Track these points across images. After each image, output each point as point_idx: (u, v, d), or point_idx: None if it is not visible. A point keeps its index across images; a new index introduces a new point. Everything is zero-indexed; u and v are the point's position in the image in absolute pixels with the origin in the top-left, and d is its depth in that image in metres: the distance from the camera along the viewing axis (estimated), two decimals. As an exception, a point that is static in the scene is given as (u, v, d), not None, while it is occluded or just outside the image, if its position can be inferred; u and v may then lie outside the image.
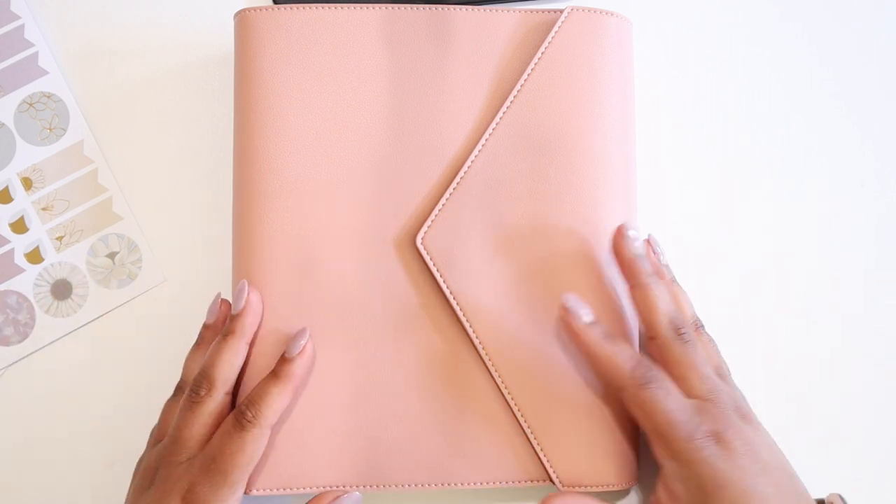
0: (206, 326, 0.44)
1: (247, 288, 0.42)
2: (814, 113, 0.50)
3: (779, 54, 0.50)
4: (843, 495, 0.41)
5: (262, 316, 0.42)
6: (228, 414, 0.41)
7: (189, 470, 0.39)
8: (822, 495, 0.41)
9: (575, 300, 0.41)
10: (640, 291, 0.42)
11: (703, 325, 0.44)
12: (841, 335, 0.49)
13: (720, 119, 0.50)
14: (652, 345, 0.41)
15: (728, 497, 0.37)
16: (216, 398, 0.40)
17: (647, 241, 0.45)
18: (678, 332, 0.41)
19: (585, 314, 0.41)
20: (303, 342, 0.41)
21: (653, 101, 0.49)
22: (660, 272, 0.44)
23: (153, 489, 0.39)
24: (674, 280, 0.45)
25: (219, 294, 0.44)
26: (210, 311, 0.44)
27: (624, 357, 0.40)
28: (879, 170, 0.50)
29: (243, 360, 0.41)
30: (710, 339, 0.44)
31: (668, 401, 0.39)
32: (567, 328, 0.41)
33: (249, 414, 0.40)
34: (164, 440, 0.41)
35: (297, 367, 0.41)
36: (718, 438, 0.38)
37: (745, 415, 0.40)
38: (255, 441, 0.39)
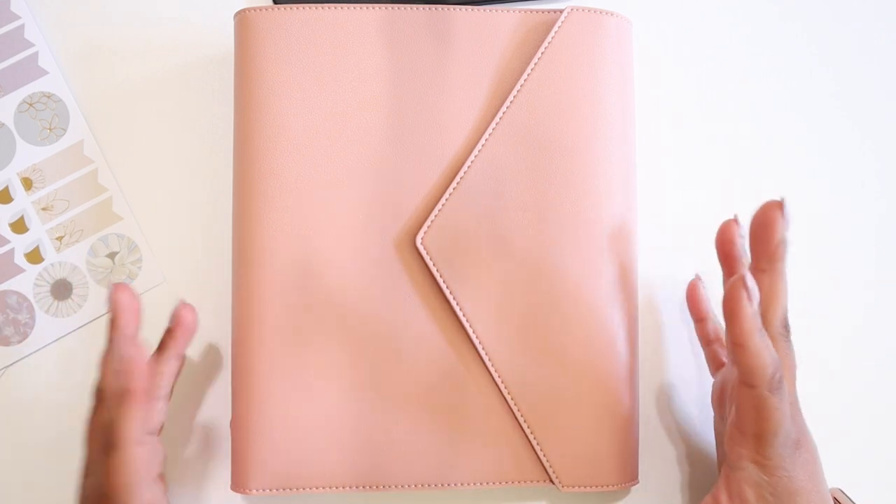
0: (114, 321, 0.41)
1: (179, 305, 0.42)
2: (814, 113, 0.50)
3: (779, 54, 0.50)
4: (844, 490, 0.41)
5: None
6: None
7: (93, 493, 0.39)
8: None
9: (752, 281, 0.37)
10: (771, 277, 0.39)
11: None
12: (841, 335, 0.49)
13: (720, 119, 0.50)
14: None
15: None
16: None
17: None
18: (787, 328, 0.40)
19: (756, 299, 0.37)
20: (127, 355, 0.39)
21: (653, 101, 0.49)
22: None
23: None
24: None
25: (115, 285, 0.41)
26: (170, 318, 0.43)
27: (771, 357, 0.37)
28: (879, 170, 0.50)
29: (145, 412, 0.39)
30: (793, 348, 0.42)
31: (785, 410, 0.37)
32: (733, 306, 0.36)
33: (105, 439, 0.39)
34: None
35: (127, 381, 0.38)
36: (797, 446, 0.38)
37: (805, 422, 0.40)
38: (123, 464, 0.38)
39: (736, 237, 0.40)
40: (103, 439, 0.39)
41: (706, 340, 0.45)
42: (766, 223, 0.39)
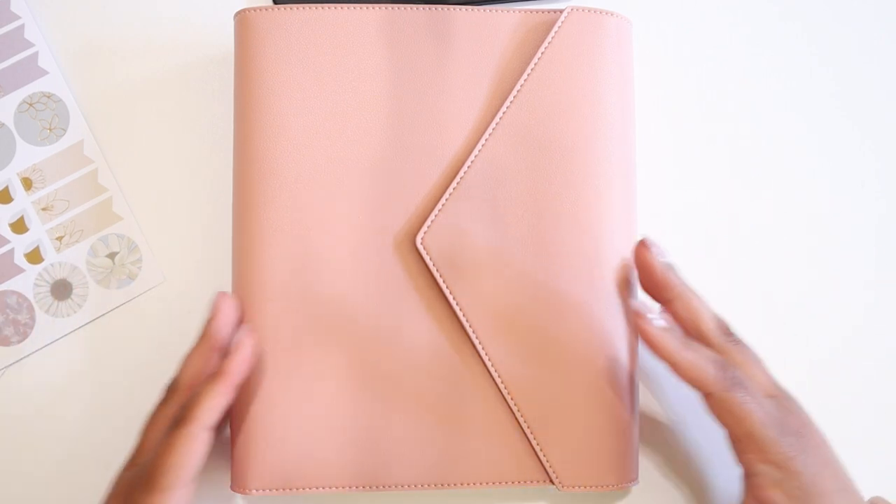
0: (208, 323, 0.43)
1: (218, 295, 0.42)
2: (814, 113, 0.50)
3: (779, 54, 0.50)
4: (886, 497, 0.41)
5: (241, 319, 0.42)
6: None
7: (136, 474, 0.39)
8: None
9: (643, 305, 0.40)
10: (682, 302, 0.41)
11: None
12: (841, 335, 0.49)
13: (720, 119, 0.50)
14: None
15: (824, 492, 0.37)
16: (179, 402, 0.40)
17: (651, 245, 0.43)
18: (727, 333, 0.41)
19: (657, 319, 0.39)
20: (240, 338, 0.40)
21: (653, 101, 0.49)
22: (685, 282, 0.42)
23: (106, 493, 0.40)
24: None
25: (220, 293, 0.43)
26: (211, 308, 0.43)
27: (706, 362, 0.38)
28: (879, 170, 0.50)
29: (227, 401, 0.40)
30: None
31: (755, 402, 0.38)
32: (641, 333, 0.39)
33: (182, 414, 0.39)
34: None
35: (233, 364, 0.40)
36: (799, 435, 0.38)
37: (804, 410, 0.40)
38: (188, 441, 0.38)
39: (652, 262, 0.41)
40: (172, 420, 0.39)
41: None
42: (642, 264, 0.41)
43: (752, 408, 0.38)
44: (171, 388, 0.41)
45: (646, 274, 0.42)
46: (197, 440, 0.38)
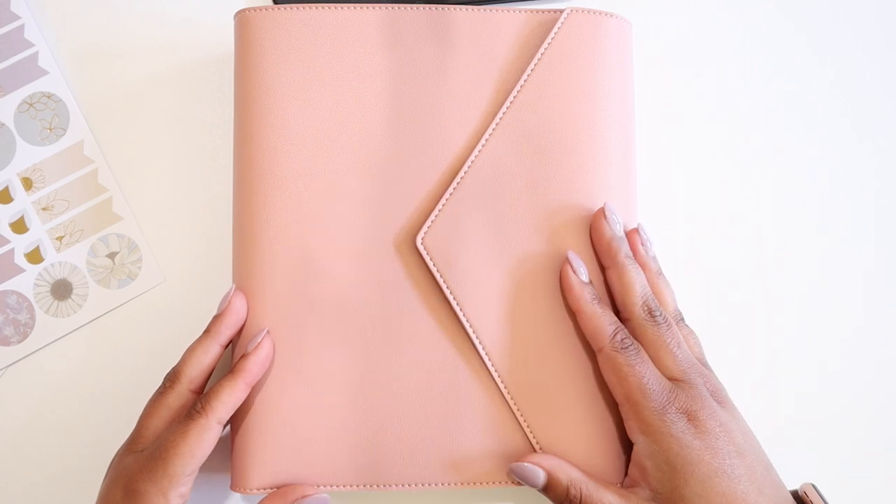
0: (214, 318, 0.43)
1: (232, 292, 0.42)
2: (814, 113, 0.50)
3: (779, 54, 0.50)
4: (816, 485, 0.41)
5: (246, 320, 0.42)
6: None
7: (137, 460, 0.39)
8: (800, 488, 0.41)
9: (576, 257, 0.42)
10: (616, 272, 0.42)
11: (683, 319, 0.44)
12: (841, 335, 0.49)
13: (719, 119, 0.50)
14: (626, 327, 0.42)
15: (697, 474, 0.38)
16: (178, 392, 0.41)
17: (636, 230, 0.44)
18: (651, 313, 0.41)
19: (583, 273, 0.42)
20: (259, 339, 0.41)
21: (653, 101, 0.49)
22: (645, 263, 0.43)
23: (105, 479, 0.40)
24: (660, 272, 0.44)
25: (232, 287, 0.43)
26: (220, 304, 0.43)
27: (608, 321, 0.41)
28: (879, 170, 0.50)
29: (214, 359, 0.42)
30: (692, 333, 0.44)
31: (643, 368, 0.39)
32: (563, 281, 0.42)
33: (199, 405, 0.40)
34: None
35: (251, 363, 0.41)
36: (691, 417, 0.39)
37: (721, 399, 0.41)
38: (200, 432, 0.39)
39: (603, 229, 0.42)
40: (183, 410, 0.40)
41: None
42: (595, 228, 0.43)
43: (637, 371, 0.39)
44: (171, 378, 0.41)
45: (595, 236, 0.43)
46: (210, 431, 0.39)
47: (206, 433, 0.39)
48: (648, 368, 0.40)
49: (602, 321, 0.41)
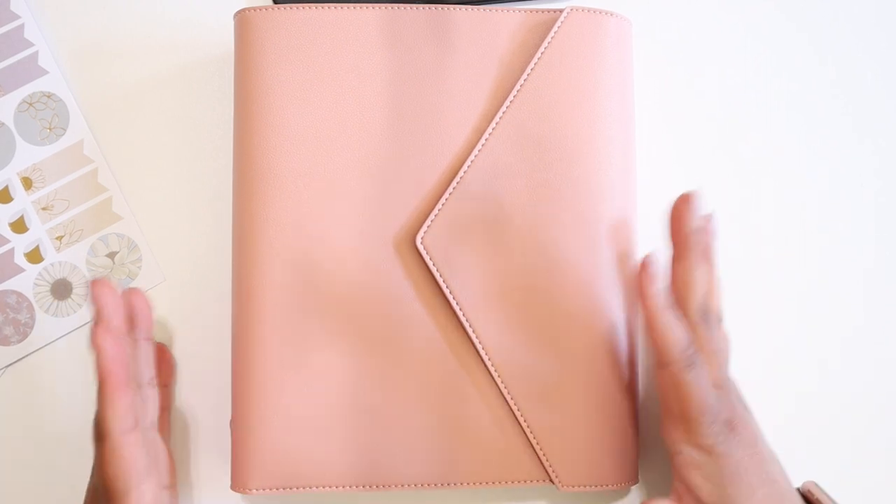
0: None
1: (92, 334, 0.38)
2: (814, 113, 0.50)
3: (779, 54, 0.50)
4: (818, 482, 0.41)
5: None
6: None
7: (94, 483, 0.40)
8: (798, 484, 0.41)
9: (655, 263, 0.40)
10: (685, 266, 0.41)
11: (722, 320, 0.43)
12: (841, 335, 0.49)
13: (720, 118, 0.50)
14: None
15: (746, 483, 0.38)
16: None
17: (709, 218, 0.42)
18: (706, 316, 0.41)
19: (660, 280, 0.40)
20: (95, 341, 0.38)
21: (653, 100, 0.49)
22: (708, 253, 0.42)
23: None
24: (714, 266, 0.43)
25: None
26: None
27: (679, 334, 0.39)
28: (880, 169, 0.50)
29: (127, 400, 0.38)
30: (726, 336, 0.43)
31: (704, 385, 0.39)
32: (641, 277, 0.40)
33: (95, 429, 0.39)
34: None
35: (100, 366, 0.38)
36: (731, 426, 0.39)
37: (745, 405, 0.41)
38: (111, 454, 0.38)
39: (687, 218, 0.41)
40: (94, 433, 0.39)
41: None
42: (678, 215, 0.41)
43: (699, 394, 0.39)
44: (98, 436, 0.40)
45: (675, 224, 0.42)
46: (121, 448, 0.38)
47: (119, 451, 0.38)
48: (706, 384, 0.39)
49: (671, 334, 0.39)
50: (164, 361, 0.45)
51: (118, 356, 0.39)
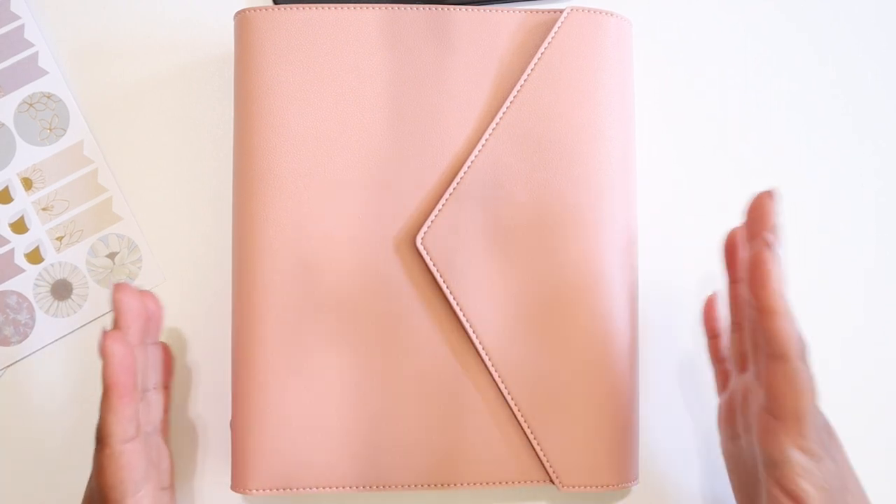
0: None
1: (101, 339, 0.38)
2: (814, 113, 0.50)
3: (779, 54, 0.50)
4: None
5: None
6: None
7: (91, 491, 0.39)
8: None
9: (777, 244, 0.36)
10: (764, 255, 0.36)
11: None
12: (841, 335, 0.49)
13: (720, 119, 0.50)
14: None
15: (850, 491, 0.36)
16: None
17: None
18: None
19: (782, 264, 0.36)
20: (106, 346, 0.38)
21: (653, 100, 0.49)
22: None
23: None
24: None
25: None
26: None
27: (797, 329, 0.35)
28: (880, 169, 0.50)
29: (130, 409, 0.38)
30: None
31: (815, 382, 0.36)
32: (759, 267, 0.35)
33: (96, 435, 0.38)
34: None
35: (108, 374, 0.38)
36: (829, 433, 0.37)
37: None
38: (110, 461, 0.38)
39: (771, 213, 0.37)
40: (95, 439, 0.39)
41: (717, 358, 0.44)
42: (760, 211, 0.37)
43: (813, 386, 0.35)
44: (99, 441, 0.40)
45: (756, 222, 0.37)
46: (121, 456, 0.38)
47: (119, 459, 0.38)
48: (815, 382, 0.36)
49: (795, 328, 0.35)
50: (167, 363, 0.45)
51: (126, 364, 0.38)
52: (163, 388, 0.44)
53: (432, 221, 0.43)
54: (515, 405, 0.43)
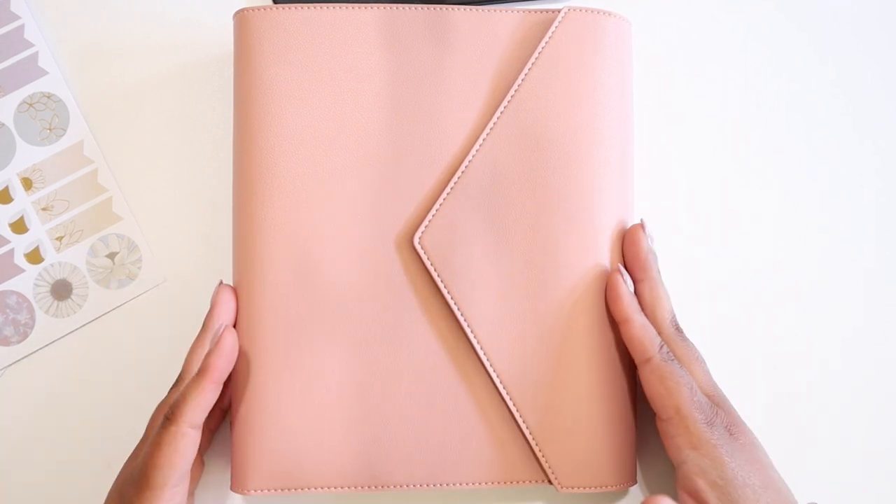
0: (208, 314, 0.43)
1: (221, 329, 0.41)
2: (814, 113, 0.50)
3: (779, 54, 0.50)
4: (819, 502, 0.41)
5: (238, 355, 0.42)
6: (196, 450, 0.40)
7: (132, 472, 0.39)
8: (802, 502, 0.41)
9: (626, 272, 0.43)
10: (648, 285, 0.42)
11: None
12: (841, 335, 0.49)
13: (719, 118, 0.50)
14: None
15: (751, 487, 0.37)
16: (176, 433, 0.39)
17: (641, 225, 0.44)
18: (678, 329, 0.42)
19: (632, 284, 0.42)
20: (219, 333, 0.40)
21: (651, 100, 0.49)
22: (652, 267, 0.44)
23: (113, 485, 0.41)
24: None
25: (220, 282, 0.44)
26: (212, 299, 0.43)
27: (654, 332, 0.41)
28: (880, 169, 0.50)
29: (212, 397, 0.40)
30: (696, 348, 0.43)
31: (690, 380, 0.40)
32: (611, 284, 0.42)
33: (170, 412, 0.39)
34: None
35: (214, 359, 0.40)
36: (731, 432, 0.39)
37: (738, 415, 0.41)
38: (173, 440, 0.38)
39: (642, 241, 0.43)
40: (164, 415, 0.39)
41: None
42: (633, 240, 0.43)
43: (687, 382, 0.39)
44: (177, 381, 0.42)
45: (632, 249, 0.43)
46: (184, 438, 0.38)
47: (181, 440, 0.38)
48: (690, 383, 0.40)
49: (650, 331, 0.41)
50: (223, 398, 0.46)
51: (231, 356, 0.40)
52: (220, 412, 0.45)
53: (430, 221, 0.43)
54: (513, 405, 0.43)
